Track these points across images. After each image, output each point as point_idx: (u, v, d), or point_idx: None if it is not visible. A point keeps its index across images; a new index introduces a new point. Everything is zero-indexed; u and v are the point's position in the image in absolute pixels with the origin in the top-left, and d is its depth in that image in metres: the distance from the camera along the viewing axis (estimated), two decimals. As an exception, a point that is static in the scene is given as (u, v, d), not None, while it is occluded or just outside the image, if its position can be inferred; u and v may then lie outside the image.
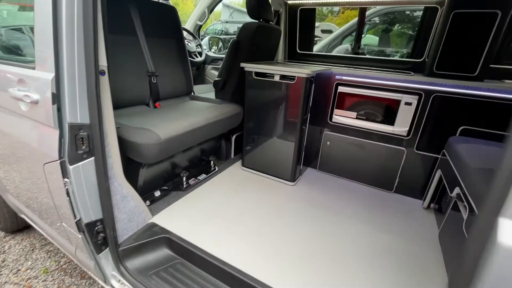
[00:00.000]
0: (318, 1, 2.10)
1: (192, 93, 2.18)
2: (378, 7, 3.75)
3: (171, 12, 1.95)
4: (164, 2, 1.91)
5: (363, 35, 4.19)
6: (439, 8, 1.81)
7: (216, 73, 3.05)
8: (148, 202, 1.49)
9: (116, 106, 1.59)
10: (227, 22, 10.62)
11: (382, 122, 1.79)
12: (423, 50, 1.96)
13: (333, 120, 1.96)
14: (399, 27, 4.31)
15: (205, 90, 2.61)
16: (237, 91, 2.03)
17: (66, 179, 0.96)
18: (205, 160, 2.04)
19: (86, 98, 0.91)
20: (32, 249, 1.78)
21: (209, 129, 1.65)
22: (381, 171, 1.87)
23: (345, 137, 1.95)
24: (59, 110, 0.90)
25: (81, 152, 0.95)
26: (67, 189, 0.97)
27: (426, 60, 1.94)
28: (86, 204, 1.02)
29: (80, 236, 1.08)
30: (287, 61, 2.42)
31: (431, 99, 1.62)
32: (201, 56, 2.82)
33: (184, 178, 1.69)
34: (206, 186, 1.78)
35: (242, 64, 1.79)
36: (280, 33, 2.24)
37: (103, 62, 0.96)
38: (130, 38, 1.68)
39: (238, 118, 1.95)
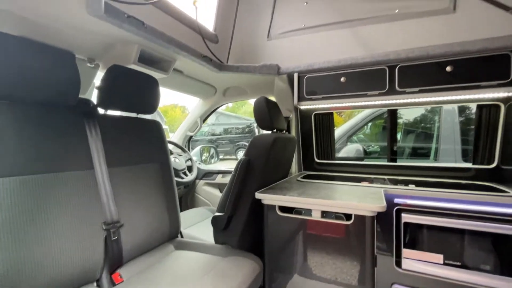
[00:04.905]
0: (338, 105, 1.74)
1: (179, 235, 1.45)
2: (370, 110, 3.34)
3: (154, 129, 1.40)
4: (142, 117, 1.38)
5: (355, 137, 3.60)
6: (503, 105, 1.45)
7: (211, 189, 2.42)
8: None
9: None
10: (213, 124, 11.08)
11: (495, 272, 1.10)
12: (490, 153, 1.49)
13: (404, 266, 1.25)
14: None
15: (197, 220, 1.90)
16: (247, 231, 1.34)
17: None
18: None
19: None
20: None
21: None
22: None
23: None
24: None
25: None
26: None
27: (501, 166, 1.45)
28: None
29: None
30: (303, 175, 1.86)
31: None
32: (191, 172, 2.25)
33: None
34: None
35: (258, 195, 1.18)
36: (295, 142, 1.77)
37: None
38: (79, 174, 1.01)
39: (257, 281, 1.18)
